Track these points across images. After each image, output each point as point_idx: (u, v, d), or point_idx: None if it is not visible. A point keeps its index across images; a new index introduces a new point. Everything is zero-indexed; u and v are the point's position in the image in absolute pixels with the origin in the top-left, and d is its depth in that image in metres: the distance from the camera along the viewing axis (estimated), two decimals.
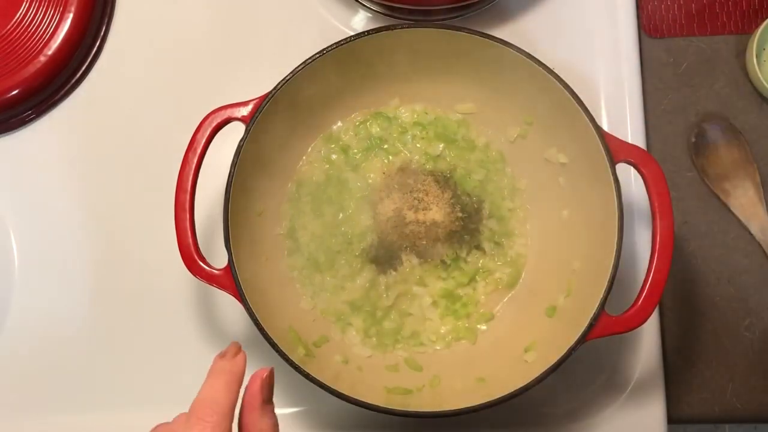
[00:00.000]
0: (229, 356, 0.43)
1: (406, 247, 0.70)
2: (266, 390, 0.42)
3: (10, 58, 0.72)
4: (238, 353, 0.43)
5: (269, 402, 0.42)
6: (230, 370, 0.42)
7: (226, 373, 0.42)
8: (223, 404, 0.40)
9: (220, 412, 0.40)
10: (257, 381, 0.42)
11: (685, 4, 0.77)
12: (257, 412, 0.42)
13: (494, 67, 0.66)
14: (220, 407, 0.40)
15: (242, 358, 0.43)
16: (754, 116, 0.76)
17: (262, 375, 0.42)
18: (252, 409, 0.42)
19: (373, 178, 0.71)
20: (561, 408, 0.71)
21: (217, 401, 0.40)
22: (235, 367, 0.42)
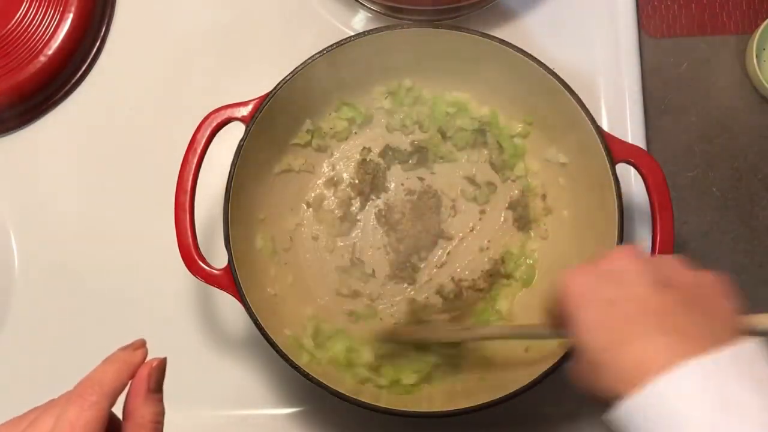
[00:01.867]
0: (130, 349, 0.44)
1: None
2: (154, 378, 0.43)
3: (10, 58, 0.72)
4: (139, 348, 0.44)
5: (156, 391, 0.43)
6: (125, 360, 0.43)
7: (120, 362, 0.43)
8: (106, 387, 0.41)
9: (100, 392, 0.40)
10: (146, 368, 0.43)
11: (685, 4, 0.77)
12: (141, 398, 0.42)
13: (494, 67, 0.66)
14: (101, 388, 0.40)
15: (142, 353, 0.44)
16: (754, 116, 0.76)
17: (153, 363, 0.43)
18: (136, 395, 0.42)
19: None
20: (561, 408, 0.71)
21: (101, 383, 0.41)
22: (131, 358, 0.43)
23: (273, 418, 0.71)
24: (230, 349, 0.72)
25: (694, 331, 0.41)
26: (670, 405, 0.38)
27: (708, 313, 0.42)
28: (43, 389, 0.74)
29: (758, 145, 0.76)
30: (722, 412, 0.37)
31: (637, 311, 0.42)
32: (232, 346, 0.72)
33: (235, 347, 0.72)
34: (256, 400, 0.71)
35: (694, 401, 0.38)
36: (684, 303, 0.42)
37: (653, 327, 0.41)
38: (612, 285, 0.44)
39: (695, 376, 0.38)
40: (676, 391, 0.38)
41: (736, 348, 0.40)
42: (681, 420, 0.38)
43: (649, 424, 0.39)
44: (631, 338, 0.41)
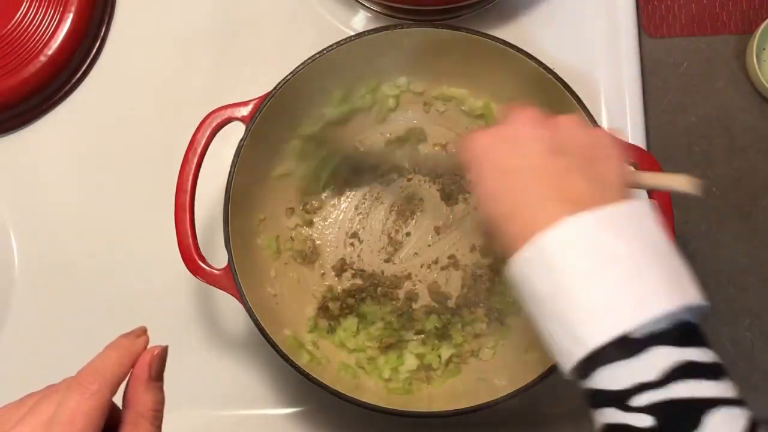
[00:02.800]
0: (132, 336, 0.44)
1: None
2: (155, 366, 0.43)
3: (10, 58, 0.72)
4: (141, 336, 0.44)
5: (157, 379, 0.43)
6: (126, 347, 0.43)
7: (121, 349, 0.43)
8: (108, 375, 0.41)
9: (102, 380, 0.40)
10: (148, 355, 0.43)
11: (685, 3, 0.77)
12: (142, 385, 0.42)
13: (494, 67, 0.66)
14: (103, 377, 0.40)
15: (143, 341, 0.44)
16: (754, 116, 0.76)
17: (154, 351, 0.43)
18: (137, 382, 0.42)
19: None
20: (561, 408, 0.71)
21: (103, 371, 0.41)
22: (133, 346, 0.43)
23: (273, 418, 0.71)
24: (230, 349, 0.72)
25: (585, 195, 0.43)
26: (550, 255, 0.41)
27: (599, 176, 0.44)
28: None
29: (758, 145, 0.76)
30: (597, 260, 0.40)
31: (531, 180, 0.44)
32: (232, 346, 0.72)
33: (235, 347, 0.72)
34: (256, 400, 0.71)
35: (572, 251, 0.41)
36: (577, 168, 0.44)
37: (545, 195, 0.43)
38: (508, 152, 0.46)
39: (575, 230, 0.41)
40: (556, 243, 0.41)
41: (619, 206, 0.42)
42: (560, 267, 0.41)
43: (534, 274, 0.42)
44: (526, 208, 0.44)
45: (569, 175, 0.44)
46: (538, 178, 0.44)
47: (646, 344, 0.39)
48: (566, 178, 0.44)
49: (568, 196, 0.43)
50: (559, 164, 0.44)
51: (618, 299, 0.39)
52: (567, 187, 0.43)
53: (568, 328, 0.40)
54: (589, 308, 0.40)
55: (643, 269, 0.40)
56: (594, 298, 0.40)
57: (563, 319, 0.40)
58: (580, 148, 0.45)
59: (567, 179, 0.44)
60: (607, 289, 0.40)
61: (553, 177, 0.44)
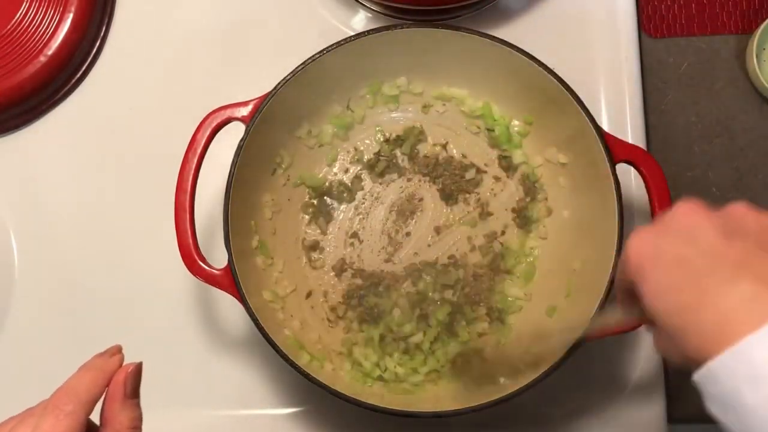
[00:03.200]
0: (106, 356, 0.44)
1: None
2: (130, 383, 0.43)
3: (10, 58, 0.72)
4: (115, 354, 0.44)
5: (133, 396, 0.43)
6: (101, 368, 0.43)
7: (95, 370, 0.42)
8: (83, 396, 0.41)
9: (77, 402, 0.40)
10: (122, 373, 0.43)
11: (685, 4, 0.77)
12: (118, 404, 0.42)
13: (494, 67, 0.66)
14: (78, 398, 0.40)
15: (118, 359, 0.44)
16: (754, 116, 0.76)
17: (128, 369, 0.43)
18: (113, 401, 0.42)
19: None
20: (561, 408, 0.71)
21: (78, 392, 0.41)
22: (107, 366, 0.43)
23: (273, 418, 0.71)
24: (230, 349, 0.72)
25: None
26: (758, 365, 0.35)
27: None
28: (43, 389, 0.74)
29: (758, 145, 0.76)
30: None
31: (711, 264, 0.39)
32: (232, 346, 0.72)
33: (235, 347, 0.72)
34: (256, 400, 0.71)
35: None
36: (759, 247, 0.39)
37: (731, 277, 0.38)
38: (679, 242, 0.41)
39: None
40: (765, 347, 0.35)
41: None
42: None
43: (736, 385, 0.36)
44: (709, 293, 0.38)
45: (753, 254, 0.39)
46: (718, 261, 0.39)
47: None
48: (751, 259, 0.39)
49: (758, 276, 0.37)
50: (739, 245, 0.39)
51: None
52: (754, 268, 0.38)
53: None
54: None
55: None
56: None
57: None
58: (759, 228, 0.41)
59: (752, 259, 0.39)
60: None
61: (735, 258, 0.39)
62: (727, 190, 0.75)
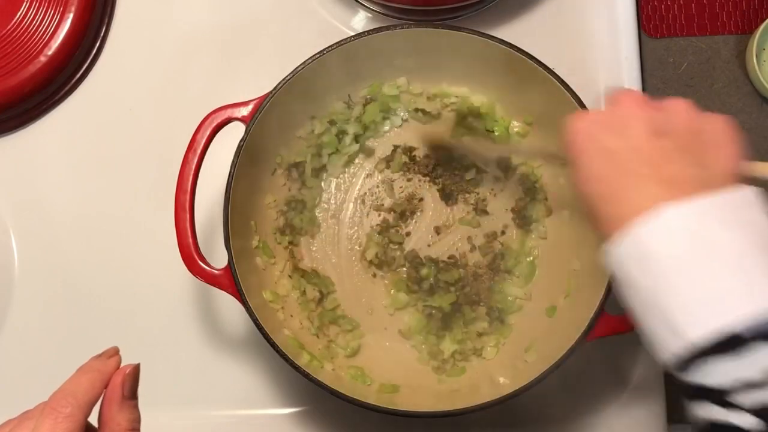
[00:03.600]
0: (104, 357, 0.44)
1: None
2: (128, 385, 0.43)
3: (10, 58, 0.72)
4: (112, 356, 0.44)
5: (131, 398, 0.43)
6: (98, 369, 0.43)
7: (93, 372, 0.42)
8: (81, 398, 0.41)
9: (75, 404, 0.40)
10: (120, 375, 0.43)
11: (685, 4, 0.77)
12: (116, 405, 0.42)
13: (494, 67, 0.66)
14: (76, 400, 0.40)
15: (115, 361, 0.44)
16: (754, 116, 0.76)
17: (126, 370, 0.43)
18: (111, 403, 0.42)
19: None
20: (561, 408, 0.71)
21: (75, 394, 0.41)
22: (104, 367, 0.43)
23: (273, 418, 0.71)
24: (230, 349, 0.72)
25: (685, 178, 0.42)
26: (648, 245, 0.40)
27: (704, 162, 0.43)
28: (43, 389, 0.74)
29: (758, 145, 0.76)
30: (698, 250, 0.38)
31: (631, 161, 0.43)
32: (232, 346, 0.72)
33: (235, 347, 0.72)
34: (256, 400, 0.71)
35: (671, 241, 0.39)
36: (680, 150, 0.43)
37: (646, 178, 0.42)
38: (613, 133, 0.45)
39: (674, 218, 0.39)
40: (655, 232, 0.40)
41: (724, 193, 0.40)
42: (658, 258, 0.39)
43: (630, 264, 0.40)
44: (625, 189, 0.43)
45: (670, 156, 0.43)
46: (637, 158, 0.43)
47: (752, 341, 0.37)
48: (667, 160, 0.43)
49: (667, 178, 0.42)
50: (661, 145, 0.43)
51: (720, 291, 0.37)
52: (668, 169, 0.42)
53: (667, 320, 0.38)
54: (688, 300, 0.38)
55: (747, 260, 0.38)
56: (694, 289, 0.38)
57: (662, 310, 0.39)
58: (687, 132, 0.44)
59: (669, 161, 0.42)
60: (709, 281, 0.38)
61: (654, 158, 0.43)
62: None
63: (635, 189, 0.42)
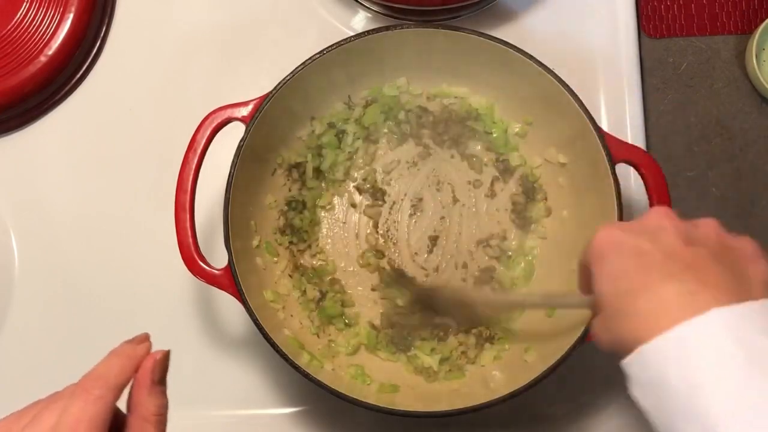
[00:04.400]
0: (134, 342, 0.44)
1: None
2: (158, 370, 0.43)
3: (10, 59, 0.72)
4: (143, 342, 0.44)
5: (160, 383, 0.43)
6: (129, 354, 0.43)
7: (124, 356, 0.43)
8: (111, 380, 0.41)
9: (105, 386, 0.40)
10: (150, 360, 0.43)
11: (685, 4, 0.77)
12: (145, 390, 0.42)
13: (494, 67, 0.66)
14: (106, 382, 0.41)
15: (145, 347, 0.44)
16: (753, 116, 0.76)
17: (156, 356, 0.43)
18: (141, 387, 0.42)
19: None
20: (561, 408, 0.71)
21: (106, 377, 0.41)
22: (135, 352, 0.43)
23: (273, 418, 0.71)
24: (230, 349, 0.72)
25: (721, 282, 0.39)
26: (691, 347, 0.37)
27: (738, 271, 0.41)
28: (43, 389, 0.74)
29: (758, 145, 0.76)
30: (747, 364, 0.36)
31: (664, 260, 0.41)
32: (232, 346, 0.72)
33: (235, 347, 0.72)
34: (257, 400, 0.71)
35: (717, 349, 0.36)
36: (713, 257, 0.41)
37: (677, 273, 0.40)
38: (642, 238, 0.43)
39: (720, 323, 0.37)
40: (698, 337, 0.37)
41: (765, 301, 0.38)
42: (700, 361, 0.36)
43: (666, 369, 0.37)
44: (654, 283, 0.40)
45: (705, 260, 0.41)
46: (671, 260, 0.41)
47: None
48: (702, 263, 0.41)
49: (703, 278, 0.39)
50: (695, 251, 0.41)
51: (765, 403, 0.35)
52: (702, 270, 0.40)
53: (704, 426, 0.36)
54: (732, 408, 0.36)
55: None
56: (739, 399, 0.36)
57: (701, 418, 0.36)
58: (719, 244, 0.43)
59: (702, 263, 0.41)
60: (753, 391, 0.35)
61: (687, 259, 0.41)
62: (727, 190, 0.75)
63: (667, 281, 0.40)
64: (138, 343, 0.44)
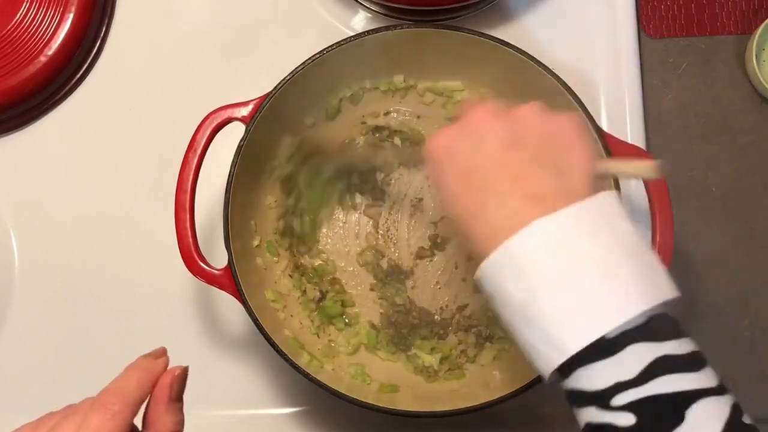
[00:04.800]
0: (152, 357, 0.44)
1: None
2: (176, 387, 0.43)
3: (10, 59, 0.72)
4: (161, 356, 0.44)
5: (177, 400, 0.43)
6: (147, 368, 0.43)
7: (142, 370, 0.42)
8: (130, 396, 0.41)
9: (124, 401, 0.40)
10: (168, 376, 0.43)
11: (684, 4, 0.77)
12: (162, 406, 0.42)
13: (494, 68, 0.66)
14: (125, 397, 0.40)
15: (163, 362, 0.44)
16: (753, 116, 0.76)
17: (175, 372, 0.43)
18: (158, 403, 0.42)
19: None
20: (561, 408, 0.71)
21: (124, 392, 0.41)
22: (153, 366, 0.43)
23: (273, 418, 0.71)
24: (230, 349, 0.72)
25: (547, 189, 0.43)
26: (519, 261, 0.41)
27: (562, 167, 0.44)
28: (43, 389, 0.74)
29: (758, 145, 0.76)
30: (567, 263, 0.40)
31: (491, 177, 0.44)
32: (233, 346, 0.72)
33: (236, 347, 0.72)
34: (257, 400, 0.71)
35: (541, 256, 0.40)
36: (537, 160, 0.44)
37: (507, 192, 0.43)
38: (467, 150, 0.45)
39: (542, 234, 0.41)
40: (524, 248, 0.41)
41: (584, 204, 0.41)
42: (530, 273, 0.40)
43: (504, 281, 0.41)
44: (486, 205, 0.43)
45: (530, 168, 0.43)
46: (497, 174, 0.44)
47: (623, 343, 0.39)
48: (527, 173, 0.43)
49: (530, 191, 0.43)
50: (518, 158, 0.44)
51: (593, 303, 0.39)
52: (528, 182, 0.43)
53: (545, 334, 0.40)
54: (563, 314, 0.39)
55: (614, 269, 0.40)
56: (568, 303, 0.39)
57: (539, 325, 0.40)
58: (540, 139, 0.45)
59: (528, 173, 0.43)
60: (581, 294, 0.39)
61: (512, 172, 0.43)
62: (727, 190, 0.75)
63: (500, 206, 0.43)
64: (156, 357, 0.44)
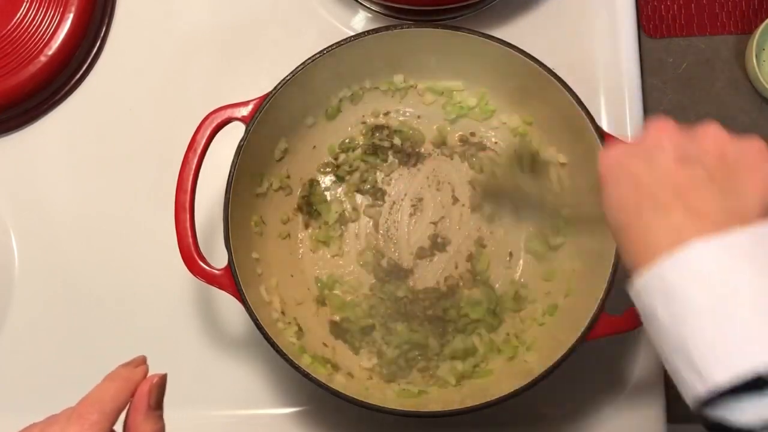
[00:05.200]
0: (131, 366, 0.44)
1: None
2: (154, 395, 0.43)
3: (10, 58, 0.72)
4: (140, 365, 0.44)
5: (157, 408, 0.43)
6: (126, 377, 0.43)
7: (120, 379, 0.42)
8: (108, 406, 0.41)
9: (101, 411, 0.40)
10: (147, 384, 0.43)
11: (685, 4, 0.77)
12: (142, 415, 0.42)
13: (494, 68, 0.66)
14: (103, 407, 0.40)
15: (142, 370, 0.44)
16: (753, 116, 0.76)
17: (153, 380, 0.43)
18: (137, 412, 0.42)
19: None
20: (561, 408, 0.71)
21: (102, 401, 0.41)
22: (132, 375, 0.43)
23: (273, 418, 0.71)
24: (230, 349, 0.72)
25: (713, 209, 0.40)
26: (671, 283, 0.38)
27: (733, 189, 0.40)
28: (43, 389, 0.74)
29: None
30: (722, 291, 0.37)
31: (655, 188, 0.41)
32: (232, 346, 0.72)
33: (235, 347, 0.72)
34: (257, 400, 0.71)
35: (695, 280, 0.38)
36: (708, 178, 0.41)
37: (667, 204, 0.40)
38: (641, 161, 0.43)
39: (698, 256, 0.38)
40: (677, 270, 0.38)
41: (753, 228, 0.38)
42: (681, 298, 0.38)
43: (653, 300, 0.39)
44: (643, 217, 0.41)
45: (699, 185, 0.41)
46: (662, 186, 0.41)
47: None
48: (695, 188, 0.40)
49: (693, 206, 0.40)
50: (689, 173, 0.41)
51: (746, 336, 0.36)
52: (693, 196, 0.40)
53: (690, 361, 0.37)
54: (712, 344, 0.36)
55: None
56: (717, 333, 0.36)
57: (685, 350, 0.37)
58: (718, 159, 0.42)
59: (695, 189, 0.40)
60: (733, 325, 0.36)
61: (679, 186, 0.41)
62: None
63: (661, 218, 0.40)
64: (134, 366, 0.44)
